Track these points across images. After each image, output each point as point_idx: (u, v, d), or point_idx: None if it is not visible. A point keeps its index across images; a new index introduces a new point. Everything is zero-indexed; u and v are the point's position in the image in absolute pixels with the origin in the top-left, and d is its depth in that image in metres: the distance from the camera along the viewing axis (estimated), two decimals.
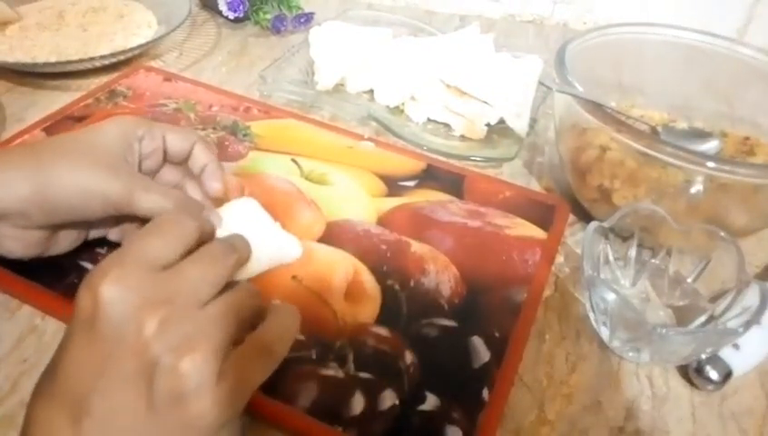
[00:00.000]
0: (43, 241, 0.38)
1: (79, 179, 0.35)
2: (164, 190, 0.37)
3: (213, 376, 0.25)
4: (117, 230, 0.42)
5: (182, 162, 0.41)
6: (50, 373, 0.26)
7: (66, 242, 0.40)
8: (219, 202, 0.41)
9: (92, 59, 0.63)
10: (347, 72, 0.63)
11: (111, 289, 0.25)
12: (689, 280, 0.42)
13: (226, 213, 0.39)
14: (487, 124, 0.58)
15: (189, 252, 0.28)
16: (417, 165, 0.53)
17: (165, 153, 0.41)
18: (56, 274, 0.41)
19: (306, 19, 0.78)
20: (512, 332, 0.39)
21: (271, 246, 0.37)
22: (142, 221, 0.40)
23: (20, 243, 0.38)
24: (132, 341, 0.25)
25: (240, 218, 0.38)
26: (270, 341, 0.29)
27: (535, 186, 0.55)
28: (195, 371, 0.24)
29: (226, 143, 0.54)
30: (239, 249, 0.31)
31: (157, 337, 0.25)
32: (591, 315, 0.40)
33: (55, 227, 0.39)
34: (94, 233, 0.42)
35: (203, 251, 0.28)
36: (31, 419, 0.25)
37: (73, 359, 0.25)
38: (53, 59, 0.64)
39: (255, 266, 0.34)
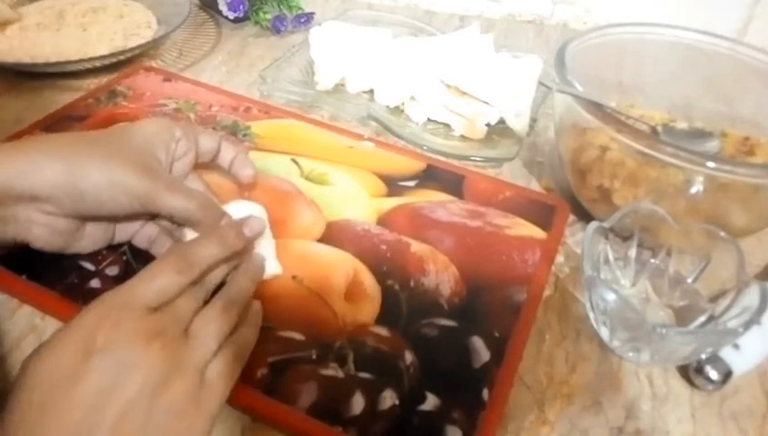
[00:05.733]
0: (68, 233, 0.39)
1: (108, 172, 0.36)
2: (189, 191, 0.38)
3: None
4: (143, 235, 0.42)
5: (209, 161, 0.44)
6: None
7: (91, 240, 0.41)
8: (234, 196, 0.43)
9: (92, 59, 0.63)
10: (347, 72, 0.63)
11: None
12: (689, 280, 0.42)
13: (234, 210, 0.39)
14: (487, 124, 0.58)
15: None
16: (417, 165, 0.53)
17: (197, 153, 0.42)
18: (56, 274, 0.41)
19: (306, 19, 0.78)
20: (512, 332, 0.39)
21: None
22: (169, 225, 0.41)
23: (46, 231, 0.38)
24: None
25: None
26: (245, 346, 0.34)
27: (535, 186, 0.55)
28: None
29: None
30: (237, 301, 0.34)
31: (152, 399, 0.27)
32: (591, 315, 0.40)
33: (82, 220, 0.39)
34: (120, 236, 0.42)
35: (206, 312, 0.32)
36: None
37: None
38: (53, 59, 0.64)
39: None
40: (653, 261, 0.44)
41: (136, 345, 0.27)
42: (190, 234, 0.39)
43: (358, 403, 0.35)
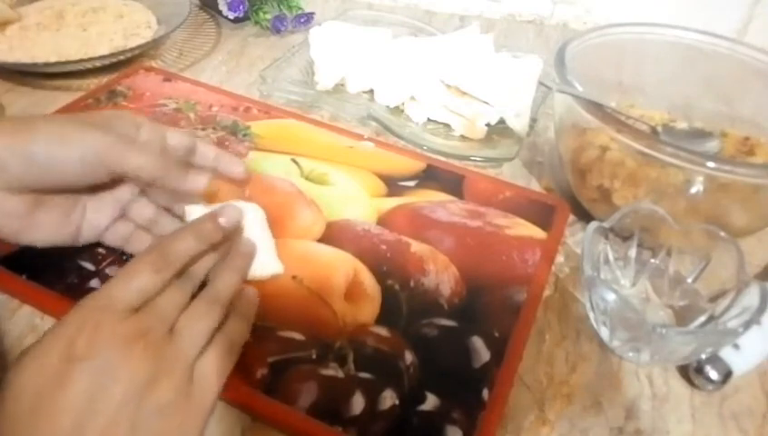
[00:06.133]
0: (17, 215, 0.36)
1: (63, 130, 0.34)
2: (154, 151, 0.36)
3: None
4: (114, 234, 0.40)
5: (184, 157, 0.40)
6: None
7: (46, 230, 0.38)
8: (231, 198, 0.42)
9: (92, 59, 0.63)
10: (347, 72, 0.63)
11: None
12: (689, 280, 0.42)
13: None
14: (487, 124, 0.58)
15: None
16: (417, 165, 0.53)
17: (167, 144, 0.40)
18: (56, 274, 0.41)
19: (306, 19, 0.78)
20: (512, 332, 0.39)
21: (258, 259, 0.39)
22: (165, 202, 0.40)
23: (6, 217, 0.36)
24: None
25: (243, 222, 0.39)
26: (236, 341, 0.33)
27: (535, 186, 0.55)
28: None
29: (226, 143, 0.54)
30: (222, 295, 0.33)
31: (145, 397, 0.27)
32: (591, 315, 0.40)
33: (34, 200, 0.36)
34: (87, 234, 0.40)
35: (192, 309, 0.31)
36: None
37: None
38: (53, 59, 0.64)
39: None
40: (653, 261, 0.44)
41: (117, 349, 0.27)
42: (192, 210, 0.38)
43: (358, 403, 0.35)
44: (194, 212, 0.39)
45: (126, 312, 0.28)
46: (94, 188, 0.38)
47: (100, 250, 0.42)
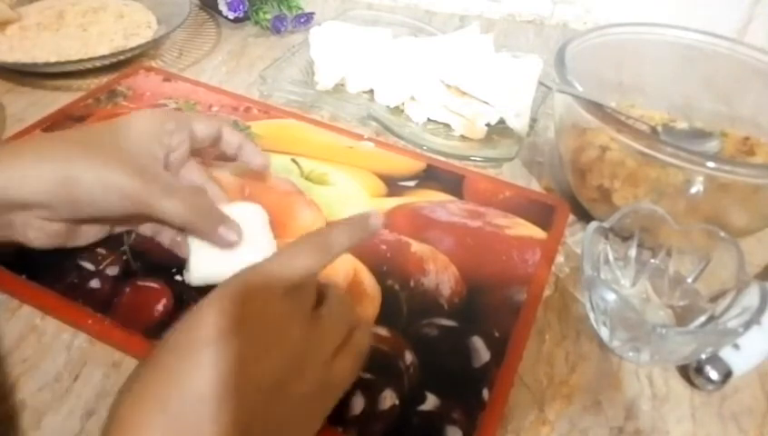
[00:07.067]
0: (65, 232, 0.39)
1: (103, 178, 0.35)
2: (186, 195, 0.37)
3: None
4: (150, 225, 0.41)
5: (209, 147, 0.43)
6: (162, 384, 0.26)
7: (89, 234, 0.41)
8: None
9: (92, 59, 0.63)
10: (347, 72, 0.63)
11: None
12: (689, 280, 0.42)
13: (233, 211, 0.39)
14: (487, 124, 0.58)
15: None
16: (417, 165, 0.53)
17: (192, 142, 0.42)
18: (56, 274, 0.41)
19: (306, 19, 0.78)
20: (512, 332, 0.39)
21: (257, 259, 0.38)
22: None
23: (42, 233, 0.38)
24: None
25: (245, 222, 0.39)
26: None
27: (535, 186, 0.55)
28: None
29: None
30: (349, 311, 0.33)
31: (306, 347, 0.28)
32: (591, 315, 0.40)
33: (79, 220, 0.39)
34: (120, 228, 0.42)
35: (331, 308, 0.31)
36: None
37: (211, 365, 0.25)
38: (53, 59, 0.64)
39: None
40: (653, 261, 0.44)
41: (276, 326, 0.27)
42: (193, 242, 0.39)
43: (358, 403, 0.35)
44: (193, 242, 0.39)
45: (284, 291, 0.28)
46: None
47: (100, 250, 0.42)
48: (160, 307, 0.39)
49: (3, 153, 0.35)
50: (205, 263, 0.38)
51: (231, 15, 0.77)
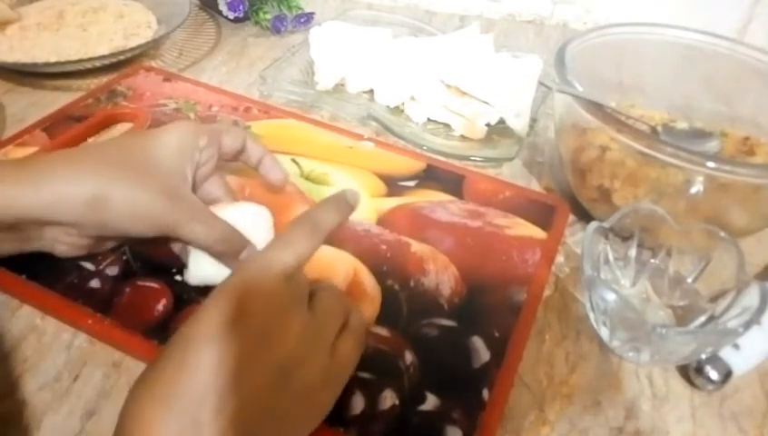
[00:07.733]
0: (91, 245, 0.40)
1: (133, 200, 0.36)
2: (212, 221, 0.37)
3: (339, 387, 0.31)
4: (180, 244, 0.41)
5: (231, 159, 0.44)
6: (166, 378, 0.26)
7: (112, 244, 0.42)
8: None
9: (92, 59, 0.63)
10: (347, 72, 0.63)
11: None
12: (689, 280, 0.42)
13: (238, 212, 0.39)
14: (487, 124, 0.58)
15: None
16: (417, 165, 0.53)
17: (219, 155, 0.42)
18: (56, 274, 0.41)
19: (306, 19, 0.78)
20: (512, 332, 0.39)
21: None
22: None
23: (70, 247, 0.39)
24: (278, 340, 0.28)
25: (247, 223, 0.39)
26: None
27: (535, 186, 0.55)
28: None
29: None
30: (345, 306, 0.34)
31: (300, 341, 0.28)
32: (591, 315, 0.40)
33: (106, 237, 0.40)
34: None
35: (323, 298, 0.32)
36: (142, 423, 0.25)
37: (213, 359, 0.26)
38: (53, 59, 0.64)
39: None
40: (653, 261, 0.44)
41: (277, 316, 0.28)
42: (194, 254, 0.39)
43: (358, 403, 0.35)
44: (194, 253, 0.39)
45: (283, 277, 0.30)
46: None
47: None
48: (160, 307, 0.39)
49: (30, 171, 0.35)
50: (205, 263, 0.38)
51: (231, 15, 0.77)
